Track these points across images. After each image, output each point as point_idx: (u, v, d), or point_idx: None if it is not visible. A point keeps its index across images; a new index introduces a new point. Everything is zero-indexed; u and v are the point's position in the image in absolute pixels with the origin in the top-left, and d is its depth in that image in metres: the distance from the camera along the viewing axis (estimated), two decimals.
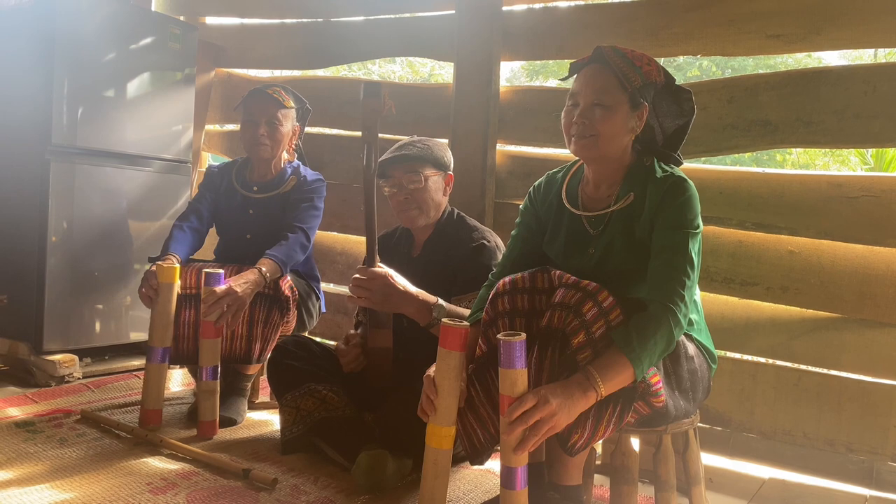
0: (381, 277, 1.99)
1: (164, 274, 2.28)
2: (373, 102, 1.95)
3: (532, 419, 1.41)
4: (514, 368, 1.44)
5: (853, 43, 2.37)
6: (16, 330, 2.89)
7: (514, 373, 1.45)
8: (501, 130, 2.96)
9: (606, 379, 1.45)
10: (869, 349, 2.26)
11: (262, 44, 3.75)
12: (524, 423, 1.41)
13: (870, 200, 2.24)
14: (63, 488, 1.83)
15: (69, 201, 2.89)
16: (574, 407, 1.44)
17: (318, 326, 2.89)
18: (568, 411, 1.43)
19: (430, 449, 1.59)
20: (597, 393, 1.45)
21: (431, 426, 1.58)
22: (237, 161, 2.77)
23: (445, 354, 1.56)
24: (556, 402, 1.41)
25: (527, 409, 1.41)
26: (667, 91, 1.72)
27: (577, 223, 1.77)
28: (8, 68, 2.98)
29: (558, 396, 1.42)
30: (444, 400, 1.56)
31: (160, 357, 2.29)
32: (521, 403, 1.42)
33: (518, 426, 1.41)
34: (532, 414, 1.41)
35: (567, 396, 1.43)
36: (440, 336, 1.57)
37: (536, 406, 1.41)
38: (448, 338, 1.56)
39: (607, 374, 1.46)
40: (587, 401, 1.45)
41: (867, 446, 2.25)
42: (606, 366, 1.47)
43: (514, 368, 1.44)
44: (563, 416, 1.42)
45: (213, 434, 2.30)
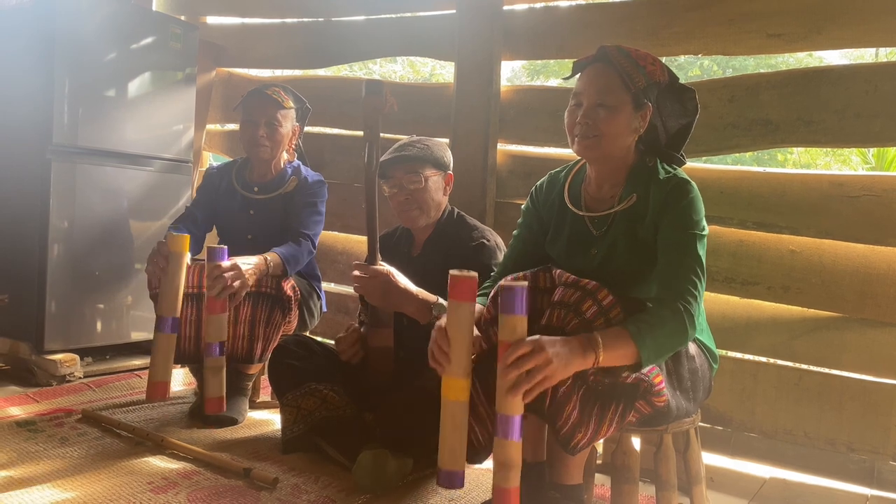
0: (383, 275, 1.99)
1: (175, 243, 2.24)
2: (374, 100, 1.95)
3: (526, 366, 1.39)
4: (514, 314, 1.42)
5: (854, 42, 2.37)
6: (17, 329, 2.89)
7: (514, 318, 1.42)
8: (502, 130, 2.96)
9: (609, 347, 1.44)
10: (870, 349, 2.26)
11: (263, 43, 3.75)
12: (518, 368, 1.39)
13: (871, 200, 2.24)
14: (64, 487, 1.83)
15: (70, 201, 2.89)
16: (571, 362, 1.42)
17: (319, 326, 2.89)
18: (564, 364, 1.41)
19: (446, 401, 1.53)
20: (596, 355, 1.43)
21: (446, 378, 1.53)
22: (237, 161, 2.77)
23: (456, 306, 1.51)
24: (552, 352, 1.39)
25: (522, 354, 1.39)
26: (670, 90, 1.72)
27: (579, 223, 1.77)
28: (9, 68, 2.98)
29: (556, 347, 1.40)
30: (457, 351, 1.51)
31: (169, 327, 2.23)
32: (517, 348, 1.40)
33: (513, 371, 1.39)
34: (527, 360, 1.39)
35: (566, 349, 1.41)
36: (450, 287, 1.52)
37: (532, 352, 1.39)
38: (458, 288, 1.51)
39: (611, 345, 1.44)
40: (585, 361, 1.43)
41: (868, 446, 2.25)
42: (612, 336, 1.45)
43: (514, 314, 1.42)
44: (559, 367, 1.40)
45: (220, 410, 2.29)
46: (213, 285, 2.21)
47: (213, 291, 2.21)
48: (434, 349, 1.55)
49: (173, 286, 2.25)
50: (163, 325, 2.24)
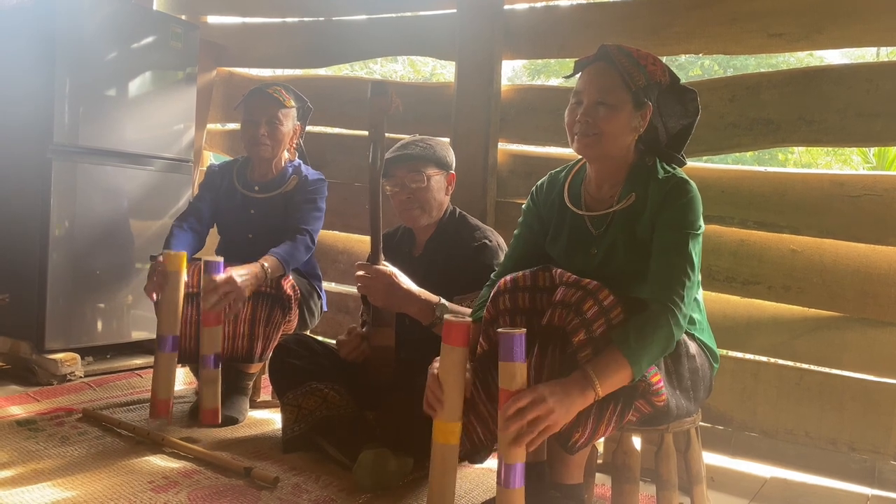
0: (386, 276, 1.99)
1: (172, 262, 2.26)
2: (380, 101, 1.95)
3: (528, 416, 1.40)
4: (514, 362, 1.44)
5: (855, 41, 2.37)
6: (18, 329, 2.89)
7: (514, 366, 1.44)
8: (503, 129, 2.96)
9: (604, 378, 1.45)
10: (871, 348, 2.26)
11: (264, 43, 3.75)
12: (520, 420, 1.40)
13: (872, 199, 2.24)
14: (65, 486, 1.83)
15: (71, 200, 2.89)
16: (572, 406, 1.43)
17: (320, 325, 2.89)
18: (566, 410, 1.42)
19: (437, 445, 1.58)
20: (595, 393, 1.44)
21: (438, 422, 1.57)
22: (238, 160, 2.77)
23: (449, 350, 1.55)
24: (553, 401, 1.40)
25: (523, 406, 1.40)
26: (671, 91, 1.72)
27: (579, 223, 1.77)
28: (9, 68, 2.98)
29: (556, 394, 1.42)
30: (450, 395, 1.56)
31: (169, 346, 2.26)
32: (517, 400, 1.41)
33: (514, 423, 1.40)
34: (529, 411, 1.40)
35: (565, 395, 1.42)
36: (443, 331, 1.56)
37: (533, 403, 1.40)
38: (451, 333, 1.55)
39: (605, 374, 1.45)
40: (585, 400, 1.44)
41: (869, 445, 2.25)
42: (604, 365, 1.46)
43: (514, 362, 1.44)
44: (561, 414, 1.41)
45: (216, 422, 2.31)
46: (206, 298, 2.22)
47: (207, 304, 2.23)
48: (429, 395, 1.59)
49: (171, 305, 2.27)
50: (163, 345, 2.26)
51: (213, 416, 2.31)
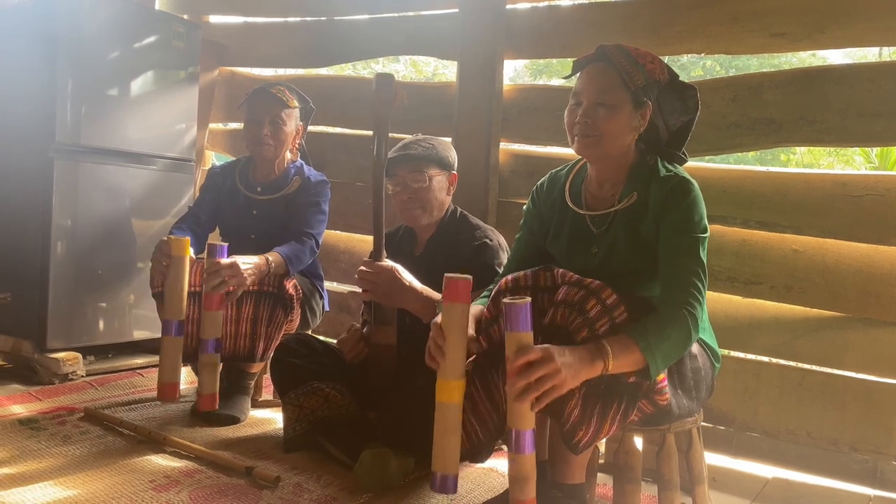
0: (388, 272, 1.99)
1: (176, 246, 2.25)
2: (384, 94, 1.94)
3: (535, 374, 1.38)
4: (520, 331, 1.42)
5: (857, 41, 2.37)
6: (19, 328, 2.90)
7: (520, 335, 1.42)
8: (504, 129, 2.96)
9: (617, 355, 1.44)
10: (873, 348, 2.25)
11: (266, 42, 3.76)
12: (527, 377, 1.38)
13: (874, 199, 2.24)
14: (66, 485, 1.83)
15: (73, 199, 2.90)
16: (580, 370, 1.41)
17: (322, 325, 2.89)
18: (574, 372, 1.40)
19: (439, 404, 1.54)
20: (605, 364, 1.43)
21: (440, 381, 1.54)
22: (240, 160, 2.77)
23: (450, 307, 1.52)
24: (562, 361, 1.39)
25: (532, 360, 1.38)
26: (671, 88, 1.72)
27: (580, 222, 1.77)
28: (11, 67, 2.98)
29: (564, 356, 1.40)
30: (452, 352, 1.52)
31: (175, 330, 2.25)
32: (525, 353, 1.39)
33: (521, 380, 1.39)
34: (536, 369, 1.38)
35: (574, 359, 1.41)
36: (444, 288, 1.53)
37: (542, 360, 1.38)
38: (452, 290, 1.52)
39: (619, 352, 1.44)
40: (594, 369, 1.43)
41: (871, 446, 2.24)
42: (621, 346, 1.45)
43: (520, 331, 1.42)
44: (569, 376, 1.39)
45: (213, 407, 2.30)
46: (209, 280, 2.21)
47: (209, 286, 2.22)
48: (431, 346, 1.55)
49: (176, 289, 2.26)
50: (168, 329, 2.25)
51: (210, 401, 2.29)
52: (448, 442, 1.54)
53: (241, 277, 2.25)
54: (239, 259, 2.26)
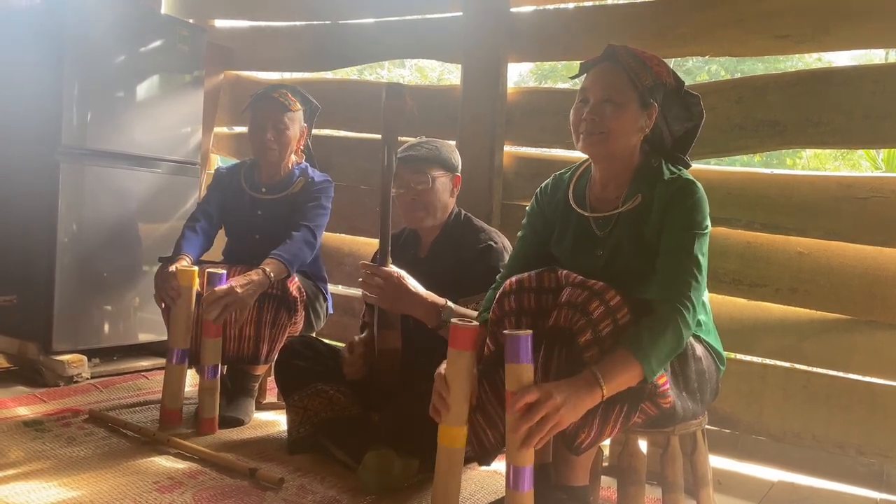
0: (393, 278, 1.99)
1: (184, 277, 2.30)
2: (395, 104, 1.95)
3: (537, 415, 1.39)
4: (521, 363, 1.43)
5: (863, 43, 2.36)
6: (25, 330, 2.90)
7: (520, 367, 1.43)
8: (509, 131, 2.96)
9: (609, 378, 1.44)
10: (879, 351, 2.24)
11: (271, 46, 3.77)
12: (529, 420, 1.39)
13: (879, 201, 2.23)
14: (70, 486, 1.83)
15: (79, 202, 2.91)
16: (579, 404, 1.42)
17: (326, 328, 2.89)
18: (574, 407, 1.41)
19: (442, 448, 1.58)
20: (601, 391, 1.43)
21: (444, 426, 1.57)
22: (245, 162, 2.79)
23: (456, 355, 1.55)
24: (561, 398, 1.39)
25: (531, 403, 1.39)
26: (676, 94, 1.72)
27: (584, 224, 1.77)
28: (18, 70, 3.00)
29: (563, 392, 1.41)
30: (456, 400, 1.55)
31: (178, 358, 2.31)
32: (524, 396, 1.40)
33: (523, 423, 1.40)
34: (537, 409, 1.39)
35: (572, 392, 1.41)
36: (450, 336, 1.56)
37: (540, 401, 1.39)
38: (458, 338, 1.55)
39: (611, 373, 1.44)
40: (593, 398, 1.43)
41: (877, 449, 2.23)
42: (612, 364, 1.45)
43: (521, 363, 1.43)
44: (569, 412, 1.40)
45: (213, 431, 2.32)
46: (209, 311, 2.23)
47: (209, 316, 2.24)
48: (435, 399, 1.58)
49: (182, 319, 2.30)
50: (173, 357, 2.30)
51: (210, 425, 2.32)
52: (448, 486, 1.58)
53: (241, 302, 2.27)
54: (234, 282, 2.27)
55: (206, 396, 2.31)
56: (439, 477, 1.59)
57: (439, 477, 1.59)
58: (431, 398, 1.61)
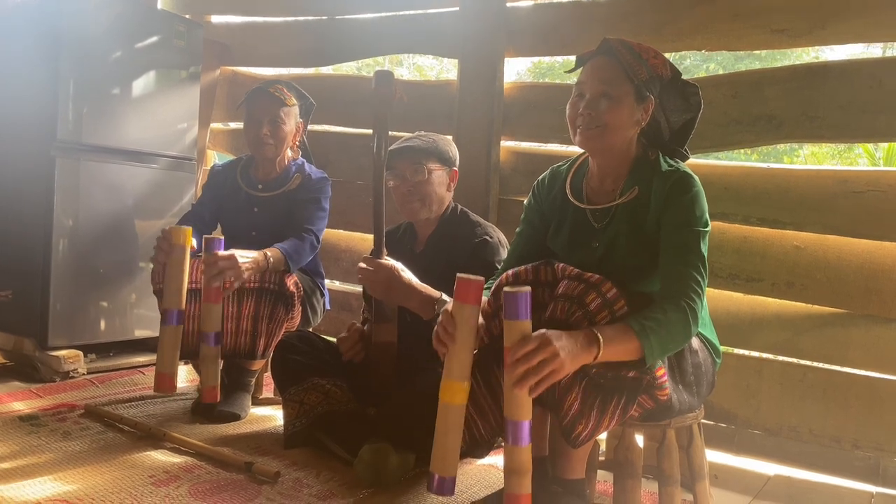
0: (388, 269, 1.99)
1: (177, 235, 2.24)
2: (384, 91, 1.95)
3: (535, 359, 1.37)
4: (519, 319, 1.42)
5: (859, 37, 2.36)
6: (21, 325, 2.90)
7: (520, 324, 1.42)
8: (506, 127, 2.96)
9: (608, 341, 1.43)
10: (875, 345, 2.24)
11: (268, 42, 3.76)
12: (527, 363, 1.38)
13: (876, 195, 2.23)
14: (66, 480, 1.83)
15: (74, 197, 2.90)
16: (577, 354, 1.41)
17: (322, 324, 2.89)
18: (571, 356, 1.40)
19: (442, 404, 1.53)
20: (598, 350, 1.42)
21: (445, 380, 1.53)
22: (241, 159, 2.78)
23: (460, 307, 1.51)
24: (559, 345, 1.38)
25: (530, 349, 1.38)
26: (673, 85, 1.72)
27: (581, 217, 1.77)
28: (14, 65, 2.99)
29: (561, 340, 1.39)
30: (459, 353, 1.51)
31: (174, 319, 2.24)
32: (524, 343, 1.39)
33: (520, 366, 1.38)
34: (535, 354, 1.37)
35: (570, 342, 1.40)
36: (455, 289, 1.52)
37: (539, 346, 1.38)
38: (463, 290, 1.51)
39: (610, 338, 1.43)
40: (590, 353, 1.42)
41: (873, 443, 2.23)
42: (613, 331, 1.45)
43: (519, 319, 1.42)
44: (567, 360, 1.39)
45: (215, 399, 2.29)
46: (206, 272, 2.22)
47: (206, 278, 2.22)
48: (440, 330, 1.54)
49: (176, 279, 2.25)
50: (168, 318, 2.24)
51: (212, 393, 2.28)
52: (448, 443, 1.53)
53: (238, 269, 2.25)
54: (237, 252, 2.27)
55: (207, 365, 2.27)
56: (439, 434, 1.54)
57: (439, 434, 1.54)
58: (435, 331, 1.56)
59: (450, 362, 1.53)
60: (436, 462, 1.54)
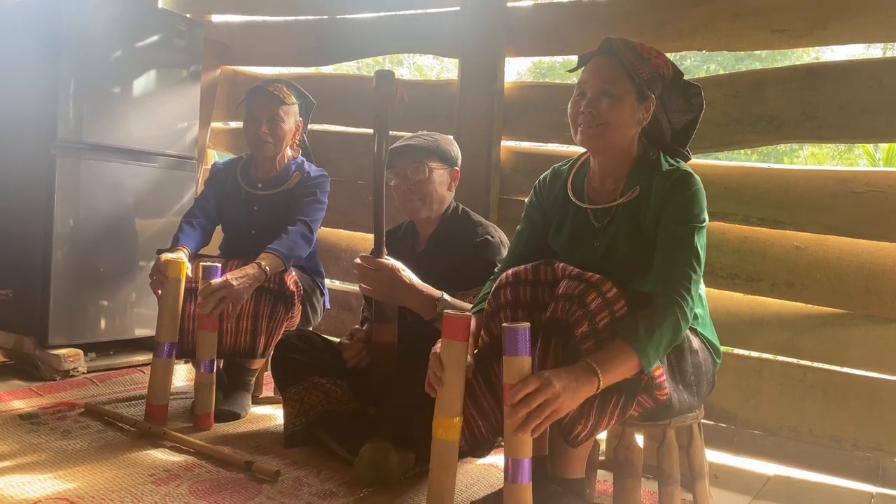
0: (388, 269, 1.99)
1: (172, 269, 2.27)
2: (385, 90, 1.95)
3: (536, 401, 1.38)
4: (518, 356, 1.43)
5: (860, 37, 2.36)
6: (21, 324, 2.90)
7: (519, 360, 1.43)
8: (506, 127, 2.96)
9: (606, 369, 1.44)
10: (875, 345, 2.25)
11: (268, 41, 3.76)
12: (528, 406, 1.39)
13: (876, 195, 2.23)
14: (66, 479, 1.83)
15: (75, 196, 2.90)
16: (578, 391, 1.42)
17: (322, 323, 2.89)
18: (572, 394, 1.41)
19: (436, 441, 1.57)
20: (598, 381, 1.43)
21: (437, 417, 1.56)
22: (241, 158, 2.78)
23: (448, 345, 1.54)
24: (560, 385, 1.39)
25: (530, 392, 1.39)
26: (675, 85, 1.72)
27: (582, 216, 1.77)
28: (15, 64, 2.99)
29: (562, 379, 1.40)
30: (450, 390, 1.54)
31: (166, 352, 2.29)
32: (524, 386, 1.40)
33: (522, 409, 1.39)
34: (535, 396, 1.38)
35: (571, 380, 1.41)
36: (443, 326, 1.55)
37: (539, 388, 1.39)
38: (451, 327, 1.54)
39: (608, 364, 1.44)
40: (591, 387, 1.43)
41: (873, 443, 2.23)
42: (609, 355, 1.45)
43: (518, 356, 1.43)
44: (568, 399, 1.40)
45: (209, 426, 2.31)
46: (205, 304, 2.23)
47: (204, 309, 2.23)
48: (430, 376, 1.58)
49: (170, 312, 2.28)
50: (160, 351, 2.28)
51: (206, 421, 2.31)
52: (444, 479, 1.57)
53: (236, 295, 2.27)
54: (230, 276, 2.27)
55: (202, 391, 2.30)
56: (434, 471, 1.58)
57: (434, 471, 1.58)
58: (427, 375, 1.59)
59: (440, 401, 1.56)
60: (431, 498, 1.57)
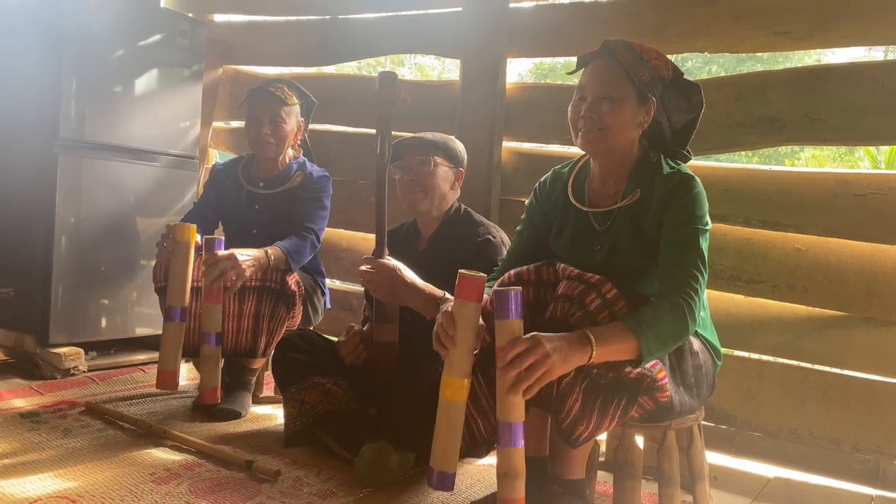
0: (390, 269, 2.00)
1: (181, 232, 2.25)
2: (387, 92, 1.96)
3: (526, 362, 1.37)
4: (510, 318, 1.42)
5: (862, 40, 2.36)
6: (22, 323, 2.90)
7: (510, 323, 1.42)
8: (507, 127, 2.96)
9: (602, 342, 1.42)
10: (876, 348, 2.25)
11: (270, 41, 3.77)
12: (518, 366, 1.38)
13: (877, 198, 2.23)
14: (66, 477, 1.83)
15: (76, 195, 2.90)
16: (570, 356, 1.40)
17: (323, 323, 2.89)
18: (563, 358, 1.39)
19: (443, 400, 1.53)
20: (591, 351, 1.42)
21: (446, 376, 1.52)
22: (243, 157, 2.79)
23: (461, 305, 1.51)
24: (551, 346, 1.38)
25: (521, 352, 1.38)
26: (675, 86, 1.72)
27: (583, 219, 1.77)
28: (17, 63, 2.99)
29: (553, 342, 1.39)
30: (460, 350, 1.51)
31: (178, 316, 2.26)
32: (514, 346, 1.39)
33: (512, 370, 1.38)
34: (526, 357, 1.37)
35: (562, 343, 1.40)
36: (457, 286, 1.52)
37: (530, 349, 1.38)
38: (465, 288, 1.50)
39: (604, 338, 1.43)
40: (583, 355, 1.41)
41: (873, 445, 2.23)
42: (607, 331, 1.45)
43: (510, 318, 1.42)
44: (559, 361, 1.39)
45: (215, 400, 2.31)
46: (208, 272, 2.22)
47: (208, 279, 2.23)
48: (439, 332, 1.53)
49: (180, 276, 2.26)
50: (171, 315, 2.26)
51: (212, 394, 2.29)
52: (449, 439, 1.53)
53: (239, 269, 2.26)
54: (237, 251, 2.27)
55: (207, 365, 2.28)
56: (439, 430, 1.53)
57: (439, 430, 1.53)
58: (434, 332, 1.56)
59: (450, 359, 1.52)
60: (436, 457, 1.53)
